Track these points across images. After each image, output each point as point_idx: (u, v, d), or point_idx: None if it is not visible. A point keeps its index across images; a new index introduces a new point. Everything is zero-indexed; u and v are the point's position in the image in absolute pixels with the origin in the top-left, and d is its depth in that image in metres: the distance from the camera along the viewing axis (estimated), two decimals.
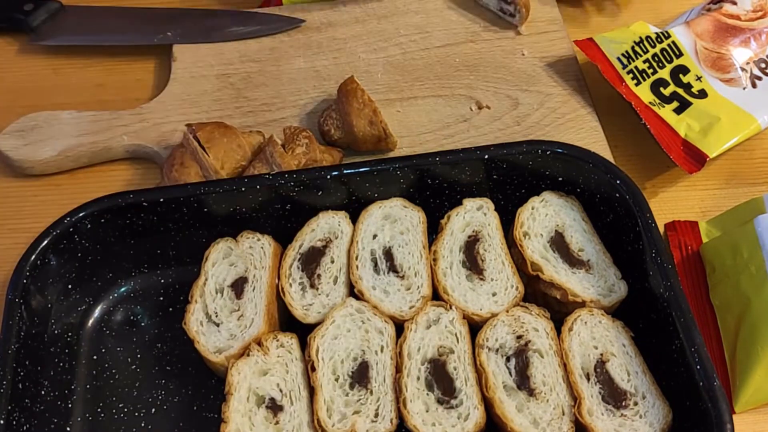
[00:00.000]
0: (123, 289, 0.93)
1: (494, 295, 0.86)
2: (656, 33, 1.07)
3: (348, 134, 1.01)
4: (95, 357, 0.90)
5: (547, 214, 0.91)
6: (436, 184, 0.92)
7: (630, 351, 0.83)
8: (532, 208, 0.91)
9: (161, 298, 0.93)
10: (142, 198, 0.88)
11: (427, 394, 0.81)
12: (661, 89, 1.04)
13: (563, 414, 0.79)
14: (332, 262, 0.89)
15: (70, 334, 0.89)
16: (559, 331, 0.83)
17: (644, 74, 1.05)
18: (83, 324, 0.91)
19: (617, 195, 0.88)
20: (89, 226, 0.88)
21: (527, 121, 1.06)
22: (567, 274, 0.87)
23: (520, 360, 0.82)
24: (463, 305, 0.85)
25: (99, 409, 0.87)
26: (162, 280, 0.94)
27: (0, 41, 1.19)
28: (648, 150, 1.05)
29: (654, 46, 1.06)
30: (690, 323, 0.78)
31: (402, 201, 0.92)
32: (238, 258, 0.89)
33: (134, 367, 0.89)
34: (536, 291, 0.87)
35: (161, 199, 0.88)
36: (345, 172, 0.90)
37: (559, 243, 0.89)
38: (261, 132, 1.02)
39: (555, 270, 0.87)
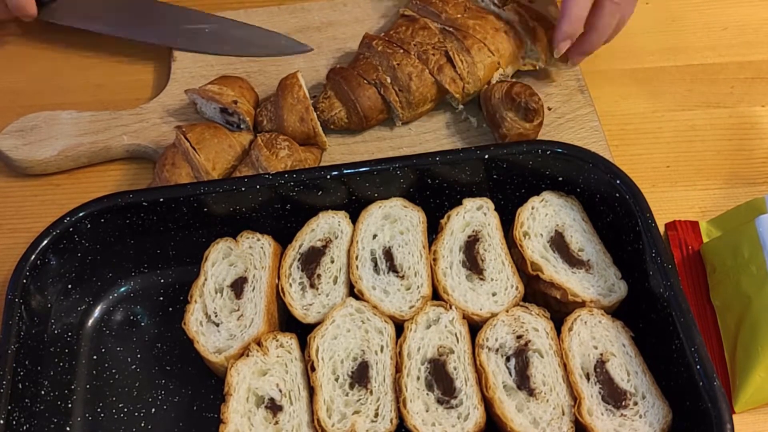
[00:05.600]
0: (123, 289, 0.94)
1: (494, 295, 0.86)
2: None
3: (279, 127, 1.01)
4: (95, 357, 0.90)
5: (547, 214, 0.90)
6: (436, 184, 0.92)
7: (630, 351, 0.82)
8: (532, 208, 0.90)
9: (161, 298, 0.93)
10: (142, 198, 0.88)
11: (427, 394, 0.80)
12: None
13: (563, 414, 0.79)
14: (332, 262, 0.89)
15: (70, 334, 0.89)
16: (559, 331, 0.83)
17: None
18: (83, 324, 0.91)
19: (617, 195, 0.88)
20: (89, 226, 0.88)
21: None
22: (567, 274, 0.87)
23: (520, 360, 0.82)
24: (463, 305, 0.85)
25: (99, 409, 0.87)
26: (162, 280, 0.94)
27: (0, 41, 1.19)
28: (648, 150, 1.05)
29: None
30: (690, 323, 0.78)
31: (402, 201, 0.92)
32: (237, 258, 0.89)
33: (134, 367, 0.89)
34: (536, 291, 0.87)
35: (161, 199, 0.88)
36: (345, 172, 0.89)
37: (559, 243, 0.89)
38: (251, 131, 1.02)
39: (555, 270, 0.87)
